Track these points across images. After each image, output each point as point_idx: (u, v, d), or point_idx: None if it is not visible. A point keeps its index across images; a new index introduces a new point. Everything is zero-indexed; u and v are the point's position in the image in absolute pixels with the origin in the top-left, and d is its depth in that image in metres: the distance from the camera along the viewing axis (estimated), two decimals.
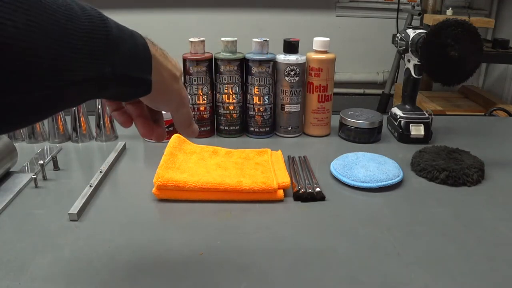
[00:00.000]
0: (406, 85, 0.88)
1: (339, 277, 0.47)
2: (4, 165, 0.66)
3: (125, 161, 0.76)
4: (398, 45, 0.86)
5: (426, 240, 0.54)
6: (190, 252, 0.51)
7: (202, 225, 0.57)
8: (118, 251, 0.51)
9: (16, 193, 0.63)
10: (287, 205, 0.62)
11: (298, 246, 0.52)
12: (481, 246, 0.53)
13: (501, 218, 0.59)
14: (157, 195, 0.62)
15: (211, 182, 0.61)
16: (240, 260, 0.49)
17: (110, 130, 0.84)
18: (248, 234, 0.55)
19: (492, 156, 0.78)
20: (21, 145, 0.82)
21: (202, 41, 0.82)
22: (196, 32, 1.08)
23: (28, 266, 0.48)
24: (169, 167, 0.65)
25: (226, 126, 0.87)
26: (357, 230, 0.56)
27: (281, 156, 0.73)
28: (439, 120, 0.96)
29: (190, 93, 0.84)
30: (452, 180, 0.67)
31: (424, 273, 0.48)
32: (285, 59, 0.82)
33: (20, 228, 0.55)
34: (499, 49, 1.81)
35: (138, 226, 0.56)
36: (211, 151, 0.73)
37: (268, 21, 2.52)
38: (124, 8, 2.49)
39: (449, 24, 0.70)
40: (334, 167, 0.70)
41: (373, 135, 0.85)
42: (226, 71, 0.82)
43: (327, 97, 0.86)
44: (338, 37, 2.49)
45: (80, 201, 0.59)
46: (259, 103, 0.84)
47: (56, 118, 0.81)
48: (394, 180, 0.66)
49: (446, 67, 0.72)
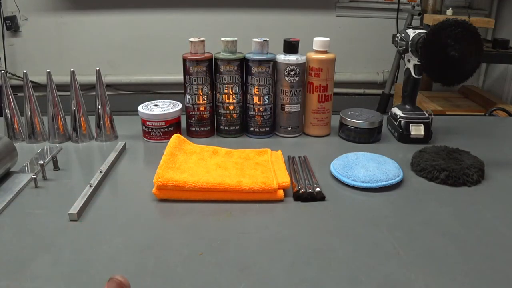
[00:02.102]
0: (406, 85, 0.88)
1: (339, 277, 0.47)
2: (4, 165, 0.66)
3: (125, 161, 0.76)
4: (398, 45, 0.86)
5: (426, 240, 0.54)
6: (190, 252, 0.51)
7: (202, 225, 0.57)
8: (118, 251, 0.51)
9: (16, 193, 0.63)
10: (287, 205, 0.62)
11: (298, 246, 0.52)
12: (481, 246, 0.53)
13: (501, 218, 0.59)
14: (157, 195, 0.62)
15: (211, 182, 0.61)
16: (240, 260, 0.49)
17: (110, 130, 0.84)
18: (248, 234, 0.55)
19: (492, 156, 0.78)
20: (21, 145, 0.82)
21: (202, 41, 0.82)
22: (196, 32, 1.08)
23: (28, 266, 0.48)
24: (169, 167, 0.65)
25: (226, 126, 0.87)
26: (357, 230, 0.56)
27: (281, 156, 0.73)
28: (439, 120, 0.96)
29: (190, 93, 0.84)
30: (452, 180, 0.67)
31: (424, 273, 0.48)
32: (285, 59, 0.82)
33: (20, 228, 0.55)
34: (499, 49, 1.81)
35: (138, 226, 0.56)
36: (211, 151, 0.73)
37: (268, 21, 2.52)
38: (124, 8, 2.49)
39: (449, 24, 0.70)
40: (334, 167, 0.70)
41: (373, 135, 0.85)
42: (226, 71, 0.82)
43: (327, 97, 0.86)
44: (338, 37, 2.50)
45: (80, 201, 0.59)
46: (259, 103, 0.84)
47: (56, 118, 0.81)
48: (394, 180, 0.66)
49: (446, 67, 0.72)
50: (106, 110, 0.82)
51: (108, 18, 2.51)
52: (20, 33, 2.54)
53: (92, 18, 2.50)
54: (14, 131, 0.83)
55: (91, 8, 2.49)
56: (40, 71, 1.20)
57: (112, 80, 2.59)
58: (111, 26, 2.52)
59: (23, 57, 2.58)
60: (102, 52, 2.56)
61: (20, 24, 2.51)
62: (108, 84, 2.52)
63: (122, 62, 2.61)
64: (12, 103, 0.81)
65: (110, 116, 0.83)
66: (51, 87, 0.80)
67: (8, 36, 2.53)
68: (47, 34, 2.53)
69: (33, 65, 2.51)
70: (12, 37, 2.54)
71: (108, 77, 2.56)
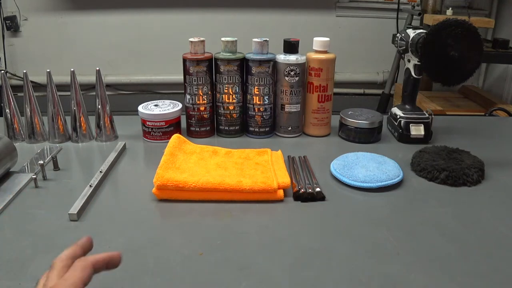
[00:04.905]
0: (406, 85, 0.88)
1: (339, 277, 0.47)
2: (4, 165, 0.66)
3: (125, 161, 0.76)
4: (398, 45, 0.86)
5: (426, 240, 0.54)
6: (190, 252, 0.51)
7: (202, 225, 0.57)
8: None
9: (16, 193, 0.63)
10: (287, 205, 0.62)
11: (298, 246, 0.52)
12: (481, 246, 0.53)
13: (501, 218, 0.59)
14: (157, 195, 0.62)
15: (211, 182, 0.61)
16: (240, 260, 0.49)
17: (110, 130, 0.84)
18: (248, 234, 0.55)
19: (492, 156, 0.78)
20: (21, 145, 0.82)
21: (202, 41, 0.82)
22: (196, 32, 1.08)
23: (28, 266, 0.48)
24: (169, 167, 0.65)
25: (226, 126, 0.87)
26: (357, 230, 0.56)
27: (281, 156, 0.73)
28: (439, 120, 0.96)
29: (190, 93, 0.84)
30: (452, 180, 0.67)
31: (424, 273, 0.48)
32: (285, 59, 0.82)
33: (20, 228, 0.55)
34: (499, 49, 1.81)
35: (138, 226, 0.56)
36: (211, 151, 0.73)
37: (268, 21, 2.52)
38: (124, 8, 2.49)
39: (449, 24, 0.70)
40: (334, 167, 0.70)
41: (373, 135, 0.85)
42: (226, 71, 0.82)
43: (327, 97, 0.86)
44: (338, 37, 2.49)
45: (80, 201, 0.59)
46: (259, 103, 0.84)
47: (56, 118, 0.81)
48: (394, 180, 0.66)
49: (446, 67, 0.72)
50: (106, 110, 0.82)
51: (108, 18, 2.50)
52: (20, 33, 2.54)
53: (92, 18, 2.50)
54: (14, 131, 0.83)
55: (91, 8, 2.48)
56: (40, 71, 1.20)
57: (112, 80, 2.59)
58: (111, 26, 2.52)
59: (23, 57, 2.58)
60: (102, 52, 2.56)
61: (20, 24, 2.51)
62: (108, 84, 2.52)
63: (122, 62, 2.60)
64: (12, 103, 0.81)
65: (110, 116, 0.83)
66: (51, 87, 0.80)
67: (8, 36, 2.53)
68: (47, 34, 2.53)
69: (33, 65, 2.51)
70: (12, 37, 2.54)
71: (108, 77, 2.56)
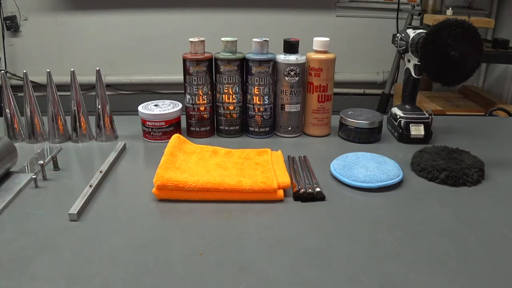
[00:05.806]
0: (406, 85, 0.88)
1: (339, 277, 0.47)
2: (4, 165, 0.66)
3: (125, 161, 0.76)
4: (398, 45, 0.86)
5: (426, 240, 0.54)
6: (190, 252, 0.51)
7: (202, 225, 0.57)
8: (118, 251, 0.51)
9: (16, 193, 0.63)
10: (287, 205, 0.62)
11: (298, 246, 0.52)
12: (481, 246, 0.53)
13: (501, 218, 0.59)
14: (157, 195, 0.62)
15: (211, 182, 0.61)
16: (240, 260, 0.49)
17: (110, 130, 0.84)
18: (248, 234, 0.55)
19: (492, 156, 0.78)
20: (21, 145, 0.82)
21: (202, 41, 0.82)
22: (196, 32, 1.08)
23: (28, 266, 0.48)
24: (169, 167, 0.65)
25: (226, 126, 0.87)
26: (357, 230, 0.56)
27: (281, 156, 0.73)
28: (439, 120, 0.96)
29: (190, 93, 0.84)
30: (452, 180, 0.67)
31: (424, 273, 0.48)
32: (285, 59, 0.82)
33: (20, 228, 0.55)
34: (499, 49, 1.81)
35: (138, 226, 0.56)
36: (211, 151, 0.73)
37: (268, 21, 2.52)
38: (124, 8, 2.49)
39: (449, 24, 0.70)
40: (334, 167, 0.70)
41: (373, 135, 0.85)
42: (226, 71, 0.82)
43: (327, 97, 0.86)
44: (338, 37, 2.49)
45: (80, 201, 0.59)
46: (259, 103, 0.84)
47: (56, 118, 0.81)
48: (394, 180, 0.66)
49: (446, 67, 0.72)
50: (106, 110, 0.82)
51: (108, 18, 2.51)
52: (20, 33, 2.54)
53: (92, 18, 2.50)
54: (14, 131, 0.83)
55: (91, 8, 2.48)
56: (40, 71, 1.20)
57: (112, 80, 2.59)
58: (111, 26, 2.52)
59: (23, 57, 2.58)
60: (102, 52, 2.56)
61: (20, 24, 2.51)
62: (108, 84, 2.52)
63: (122, 62, 2.61)
64: (12, 103, 0.81)
65: (110, 116, 0.83)
66: (51, 87, 0.80)
67: (8, 36, 2.53)
68: (47, 34, 2.53)
69: (33, 65, 2.51)
70: (12, 37, 2.54)
71: (108, 77, 2.56)
